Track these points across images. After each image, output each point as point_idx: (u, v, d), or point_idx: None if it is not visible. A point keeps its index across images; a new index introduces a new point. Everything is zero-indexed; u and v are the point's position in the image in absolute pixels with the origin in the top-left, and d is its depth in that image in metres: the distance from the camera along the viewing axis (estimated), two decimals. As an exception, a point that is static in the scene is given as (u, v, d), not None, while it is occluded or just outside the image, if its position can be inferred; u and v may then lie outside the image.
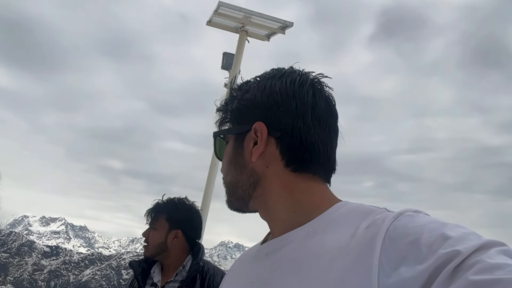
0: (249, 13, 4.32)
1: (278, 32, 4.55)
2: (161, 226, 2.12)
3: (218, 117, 0.87)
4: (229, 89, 0.87)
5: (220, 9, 4.25)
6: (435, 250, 0.57)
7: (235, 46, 4.71)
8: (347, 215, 0.72)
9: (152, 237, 2.12)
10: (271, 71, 0.83)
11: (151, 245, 2.13)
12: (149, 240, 2.13)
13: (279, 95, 0.77)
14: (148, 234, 2.14)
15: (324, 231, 0.72)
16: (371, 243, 0.63)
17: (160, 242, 2.10)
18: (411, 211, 0.68)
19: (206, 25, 4.78)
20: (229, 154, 0.83)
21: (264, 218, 0.82)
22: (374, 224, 0.66)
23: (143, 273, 2.15)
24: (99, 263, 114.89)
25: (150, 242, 2.13)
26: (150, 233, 2.14)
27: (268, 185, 0.78)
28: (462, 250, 0.55)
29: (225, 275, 0.97)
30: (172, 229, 2.12)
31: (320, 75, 0.82)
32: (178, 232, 2.13)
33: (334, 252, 0.67)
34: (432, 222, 0.63)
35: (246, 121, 0.79)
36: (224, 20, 4.55)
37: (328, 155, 0.79)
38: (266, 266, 0.77)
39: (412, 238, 0.61)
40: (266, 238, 0.86)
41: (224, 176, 0.85)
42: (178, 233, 2.13)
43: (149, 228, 2.16)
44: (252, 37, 4.78)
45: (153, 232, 2.13)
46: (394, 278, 0.58)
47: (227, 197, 0.85)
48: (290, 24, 4.37)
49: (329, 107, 0.80)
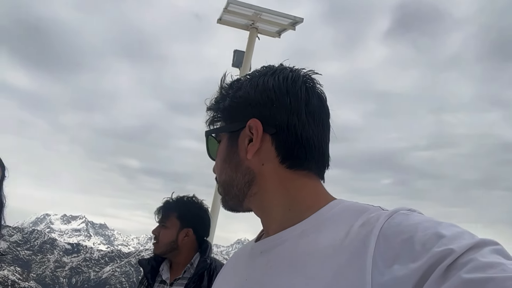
0: (258, 10, 4.30)
1: (288, 28, 4.52)
2: (172, 224, 2.14)
3: (208, 116, 0.86)
4: (219, 88, 0.86)
5: (229, 7, 4.25)
6: (429, 248, 0.57)
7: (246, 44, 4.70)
8: (342, 214, 0.72)
9: (163, 235, 2.14)
10: (262, 69, 0.83)
11: (162, 243, 2.15)
12: (159, 238, 2.15)
13: (273, 92, 0.77)
14: (159, 232, 2.16)
15: (319, 230, 0.71)
16: (365, 241, 0.63)
17: (171, 241, 2.13)
18: (405, 209, 0.68)
19: (217, 23, 4.79)
20: (223, 152, 0.82)
21: (259, 216, 0.82)
22: (368, 222, 0.66)
23: (152, 271, 2.18)
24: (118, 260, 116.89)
25: (161, 240, 2.14)
26: (161, 231, 2.16)
27: (264, 183, 0.78)
28: (456, 248, 0.55)
29: (219, 272, 0.96)
30: (183, 228, 2.15)
31: (311, 72, 0.82)
32: (189, 230, 2.16)
33: (328, 251, 0.67)
34: (426, 221, 0.62)
35: (240, 118, 0.78)
36: (234, 18, 4.55)
37: (322, 151, 0.79)
38: (261, 264, 0.76)
39: (406, 236, 0.60)
40: (260, 236, 0.85)
41: (218, 175, 0.85)
42: (189, 231, 2.16)
43: (160, 226, 2.18)
44: (263, 34, 4.76)
45: (164, 230, 2.15)
46: (388, 276, 0.58)
47: (222, 196, 0.85)
48: (300, 20, 4.34)
49: (321, 103, 0.80)
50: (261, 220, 0.82)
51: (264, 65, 0.84)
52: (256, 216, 0.83)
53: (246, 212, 0.83)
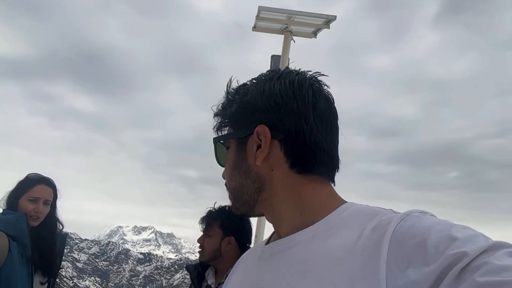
0: (290, 13, 4.30)
1: (322, 27, 4.47)
2: (215, 233, 2.22)
3: (215, 122, 0.86)
4: (225, 93, 0.85)
5: (261, 14, 4.30)
6: (442, 251, 0.56)
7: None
8: (353, 217, 0.71)
9: (207, 244, 2.23)
10: (267, 73, 0.83)
11: (206, 251, 2.24)
12: (204, 246, 2.24)
13: (280, 97, 0.76)
14: (203, 240, 2.25)
15: (330, 233, 0.71)
16: (377, 245, 0.62)
17: (215, 249, 2.21)
18: (417, 212, 0.66)
19: (252, 31, 4.87)
20: (232, 159, 0.82)
21: (271, 220, 0.82)
22: (380, 226, 0.65)
23: (199, 276, 2.29)
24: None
25: (206, 248, 2.23)
26: (205, 240, 2.25)
27: (274, 189, 0.78)
28: (469, 251, 0.54)
29: (229, 275, 0.97)
30: (226, 236, 2.22)
31: (318, 74, 0.81)
32: (231, 238, 2.22)
33: (340, 255, 0.66)
34: (439, 223, 0.61)
35: (247, 124, 0.78)
36: (267, 24, 4.58)
37: (332, 155, 0.78)
38: (272, 267, 0.76)
39: (419, 239, 0.59)
40: (270, 238, 0.86)
41: (227, 182, 0.85)
42: (231, 239, 2.22)
43: (204, 235, 2.27)
44: (298, 36, 4.75)
45: (207, 239, 2.24)
46: (402, 280, 0.58)
47: (232, 203, 0.85)
48: (333, 17, 4.27)
49: (329, 106, 0.79)
50: (272, 225, 0.82)
51: (269, 70, 0.84)
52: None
53: (258, 216, 0.85)
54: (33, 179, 2.40)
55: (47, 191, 2.41)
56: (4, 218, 2.26)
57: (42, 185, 2.39)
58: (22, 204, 2.33)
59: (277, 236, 0.82)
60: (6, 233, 2.19)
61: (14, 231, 2.22)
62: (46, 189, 2.41)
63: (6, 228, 2.20)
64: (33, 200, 2.34)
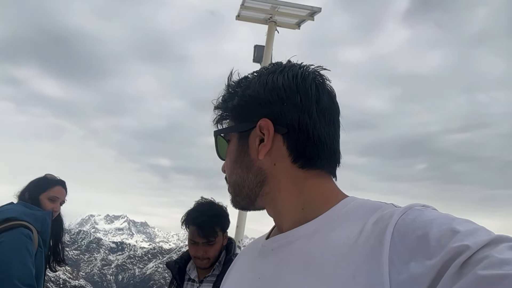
0: (275, 3, 4.27)
1: (307, 19, 4.46)
2: (219, 238, 2.16)
3: (215, 115, 0.84)
4: (226, 86, 0.83)
5: (246, 3, 4.25)
6: (444, 245, 0.56)
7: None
8: (355, 211, 0.71)
9: (213, 251, 2.13)
10: (270, 66, 0.81)
11: (212, 258, 2.14)
12: (210, 255, 2.12)
13: (283, 90, 0.75)
14: (206, 251, 2.12)
15: (332, 227, 0.70)
16: (380, 239, 0.62)
17: (219, 252, 2.17)
18: (419, 205, 0.66)
19: (236, 20, 4.79)
20: (234, 153, 0.80)
21: (272, 215, 0.81)
22: (382, 219, 0.65)
23: (180, 272, 2.24)
24: (160, 257, 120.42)
25: (212, 256, 2.13)
26: (212, 249, 2.12)
27: (276, 183, 0.77)
28: (471, 244, 0.54)
29: (228, 270, 0.95)
30: (223, 235, 2.21)
31: (320, 68, 0.79)
32: (226, 233, 2.23)
33: (342, 249, 0.66)
34: (441, 217, 0.61)
35: (250, 118, 0.77)
36: (252, 13, 4.54)
37: (334, 149, 0.77)
38: (273, 262, 0.75)
39: (421, 233, 0.59)
40: (270, 233, 0.85)
41: (228, 175, 0.83)
42: (226, 234, 2.23)
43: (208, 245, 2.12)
44: (282, 27, 4.72)
45: (214, 248, 2.13)
46: (405, 273, 0.57)
47: (232, 196, 0.83)
48: (318, 9, 4.27)
49: (331, 100, 0.79)
50: (273, 219, 0.81)
51: (272, 62, 0.82)
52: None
53: (258, 210, 0.83)
54: (53, 180, 2.63)
55: (64, 193, 2.67)
56: (33, 213, 2.41)
57: (60, 186, 2.64)
58: (42, 202, 2.53)
59: (278, 230, 0.81)
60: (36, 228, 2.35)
61: (41, 227, 2.39)
62: (63, 191, 2.66)
63: (35, 223, 2.36)
64: (52, 200, 2.57)
